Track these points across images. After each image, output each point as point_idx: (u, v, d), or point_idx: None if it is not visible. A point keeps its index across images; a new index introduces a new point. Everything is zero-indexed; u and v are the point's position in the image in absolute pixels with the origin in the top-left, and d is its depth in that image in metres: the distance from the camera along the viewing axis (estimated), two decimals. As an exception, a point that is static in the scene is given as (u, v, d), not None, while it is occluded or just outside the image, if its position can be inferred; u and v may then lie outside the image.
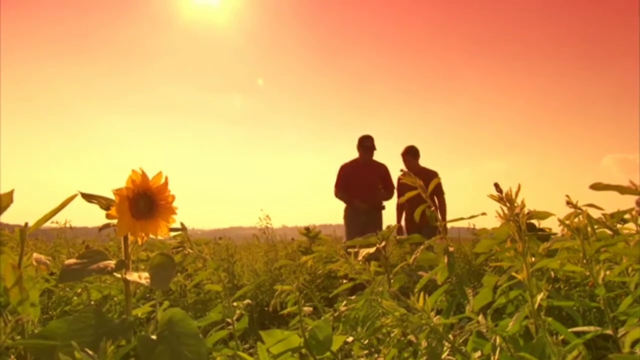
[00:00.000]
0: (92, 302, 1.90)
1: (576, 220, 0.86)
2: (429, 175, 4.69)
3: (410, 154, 5.09)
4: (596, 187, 0.69)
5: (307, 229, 3.62)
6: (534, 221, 1.76)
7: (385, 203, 5.05)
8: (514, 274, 0.82)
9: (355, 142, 5.13)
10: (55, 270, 2.03)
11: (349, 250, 1.51)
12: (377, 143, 5.08)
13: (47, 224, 0.85)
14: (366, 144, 4.97)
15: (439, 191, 4.93)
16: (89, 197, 0.84)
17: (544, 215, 1.65)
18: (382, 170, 5.05)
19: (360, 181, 4.83)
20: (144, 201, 0.77)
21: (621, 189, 0.68)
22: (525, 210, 1.64)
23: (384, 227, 4.79)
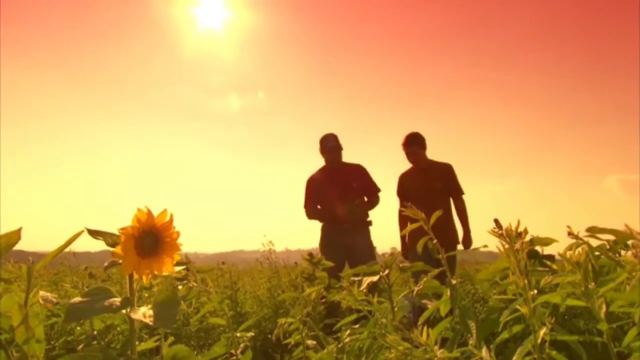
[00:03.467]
0: (95, 332, 1.89)
1: (577, 251, 0.87)
2: (441, 170, 3.70)
3: (415, 144, 3.71)
4: (591, 230, 0.70)
5: (311, 254, 3.57)
6: (537, 247, 1.76)
7: (370, 217, 3.88)
8: (517, 306, 0.82)
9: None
10: (59, 299, 2.03)
11: (352, 278, 1.50)
12: (379, 160, 4.09)
13: (49, 249, 0.86)
14: (329, 145, 3.77)
15: (455, 190, 3.70)
16: (95, 234, 0.86)
17: (546, 242, 1.65)
18: (359, 172, 3.89)
19: (334, 191, 3.72)
20: (149, 239, 0.78)
21: (616, 233, 0.69)
22: (528, 237, 1.64)
23: (376, 248, 3.92)
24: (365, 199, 3.87)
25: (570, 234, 0.99)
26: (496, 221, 0.73)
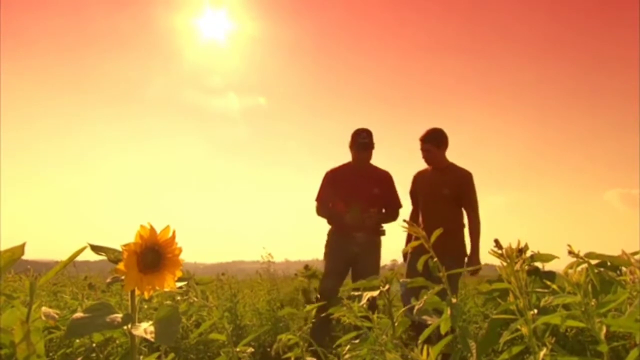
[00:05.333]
0: (94, 345, 1.88)
1: (578, 270, 0.87)
2: (455, 176, 3.29)
3: (429, 142, 3.27)
4: (589, 256, 0.71)
5: (307, 267, 3.48)
6: (538, 263, 1.76)
7: (385, 226, 3.45)
8: (518, 326, 0.82)
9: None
10: (59, 311, 2.02)
11: (352, 293, 1.48)
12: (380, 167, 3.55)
13: (49, 258, 0.86)
14: (361, 140, 3.36)
15: (467, 202, 3.25)
16: (97, 249, 0.86)
17: (547, 258, 1.65)
18: (383, 179, 3.49)
19: (352, 192, 3.32)
20: (152, 255, 0.79)
21: (613, 259, 0.69)
22: (528, 253, 1.63)
23: (384, 259, 3.64)
24: (384, 210, 3.46)
25: (570, 252, 0.99)
26: (496, 241, 0.74)
